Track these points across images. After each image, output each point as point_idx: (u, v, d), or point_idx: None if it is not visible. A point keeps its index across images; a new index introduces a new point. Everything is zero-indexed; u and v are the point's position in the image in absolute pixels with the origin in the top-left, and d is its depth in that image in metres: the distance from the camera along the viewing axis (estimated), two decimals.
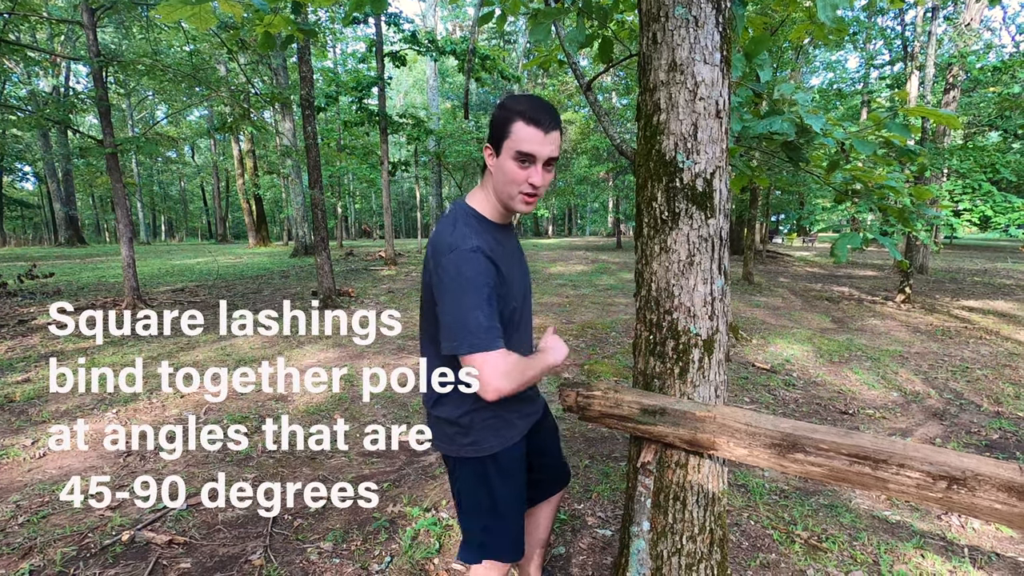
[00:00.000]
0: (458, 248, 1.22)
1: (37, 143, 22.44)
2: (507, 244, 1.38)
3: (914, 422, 3.95)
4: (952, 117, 1.68)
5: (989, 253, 20.00)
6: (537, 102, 1.25)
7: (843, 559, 2.29)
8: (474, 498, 1.43)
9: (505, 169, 1.26)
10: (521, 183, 1.26)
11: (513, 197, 1.29)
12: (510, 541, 1.46)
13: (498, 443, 1.38)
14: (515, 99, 1.26)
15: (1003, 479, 1.08)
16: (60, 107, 8.41)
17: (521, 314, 1.42)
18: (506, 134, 1.24)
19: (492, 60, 12.37)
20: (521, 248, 1.52)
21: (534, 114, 1.23)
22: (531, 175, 1.26)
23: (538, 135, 1.23)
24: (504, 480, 1.41)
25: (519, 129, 1.23)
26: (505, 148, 1.25)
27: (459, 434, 1.38)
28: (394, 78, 34.07)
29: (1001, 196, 8.18)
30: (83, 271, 11.96)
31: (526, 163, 1.25)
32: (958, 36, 10.82)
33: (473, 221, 1.31)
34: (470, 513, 1.45)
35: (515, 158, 1.24)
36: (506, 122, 1.24)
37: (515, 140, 1.23)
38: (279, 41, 2.51)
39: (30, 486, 2.84)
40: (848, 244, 2.02)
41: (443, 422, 1.40)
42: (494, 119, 1.27)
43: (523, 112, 1.23)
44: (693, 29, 1.41)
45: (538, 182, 1.26)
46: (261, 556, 2.28)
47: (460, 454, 1.39)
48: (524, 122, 1.22)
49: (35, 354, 5.35)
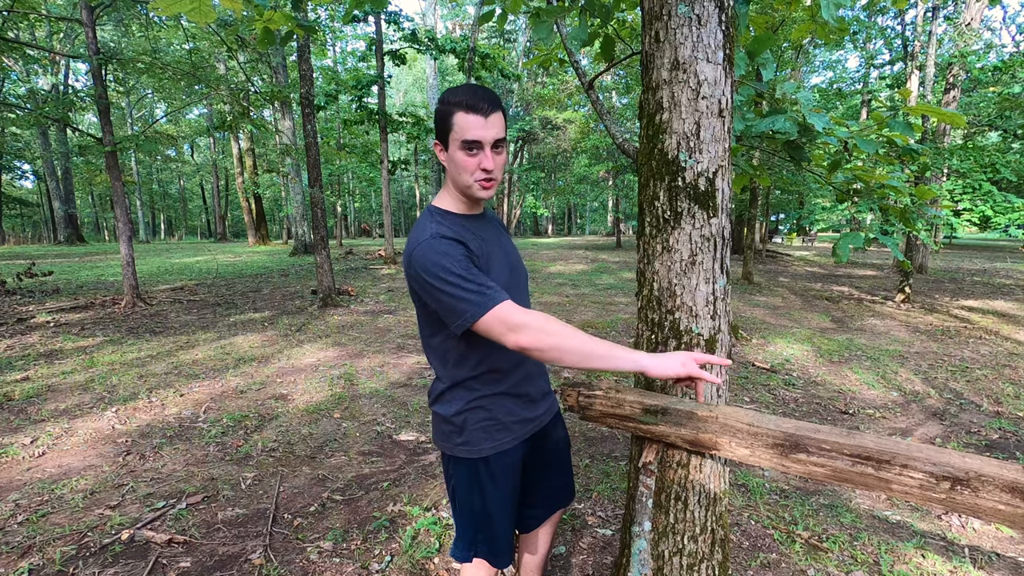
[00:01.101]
0: (420, 241, 1.25)
1: (36, 141, 22.41)
2: (481, 231, 1.38)
3: (914, 422, 3.95)
4: (957, 115, 1.67)
5: (989, 253, 20.02)
6: (473, 89, 1.27)
7: (844, 559, 2.29)
8: (466, 498, 1.44)
9: (456, 160, 1.28)
10: (474, 171, 1.29)
11: (470, 186, 1.31)
12: (497, 545, 1.46)
13: (490, 446, 1.39)
14: (452, 91, 1.28)
15: (1007, 480, 1.08)
16: (59, 105, 8.39)
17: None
18: (450, 127, 1.26)
19: (492, 59, 12.36)
20: (503, 233, 1.51)
21: (472, 101, 1.25)
22: (482, 161, 1.28)
23: (479, 120, 1.25)
24: (494, 485, 1.42)
25: (460, 119, 1.25)
26: (451, 140, 1.27)
27: (453, 432, 1.39)
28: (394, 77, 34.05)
29: (1001, 196, 8.19)
30: (82, 269, 11.95)
31: (474, 150, 1.27)
32: (958, 36, 10.82)
33: (438, 218, 1.33)
34: (462, 512, 1.47)
35: (462, 148, 1.26)
36: (447, 115, 1.26)
37: (459, 130, 1.25)
38: (279, 38, 2.50)
39: (29, 485, 2.83)
40: (850, 244, 2.02)
41: (440, 419, 1.42)
42: (437, 114, 1.30)
43: (460, 102, 1.25)
44: (696, 27, 1.40)
45: (490, 166, 1.28)
46: (261, 555, 2.27)
47: (454, 453, 1.41)
48: (464, 111, 1.24)
49: (34, 352, 5.34)
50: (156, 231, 45.71)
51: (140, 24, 10.91)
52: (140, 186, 33.07)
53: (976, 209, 8.34)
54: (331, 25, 14.36)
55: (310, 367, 5.07)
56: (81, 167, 24.32)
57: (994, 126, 11.59)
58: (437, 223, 1.30)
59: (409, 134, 13.95)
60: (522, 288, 1.47)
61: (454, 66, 23.48)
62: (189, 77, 8.56)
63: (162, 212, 45.71)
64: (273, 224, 35.10)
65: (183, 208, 45.65)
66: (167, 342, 5.86)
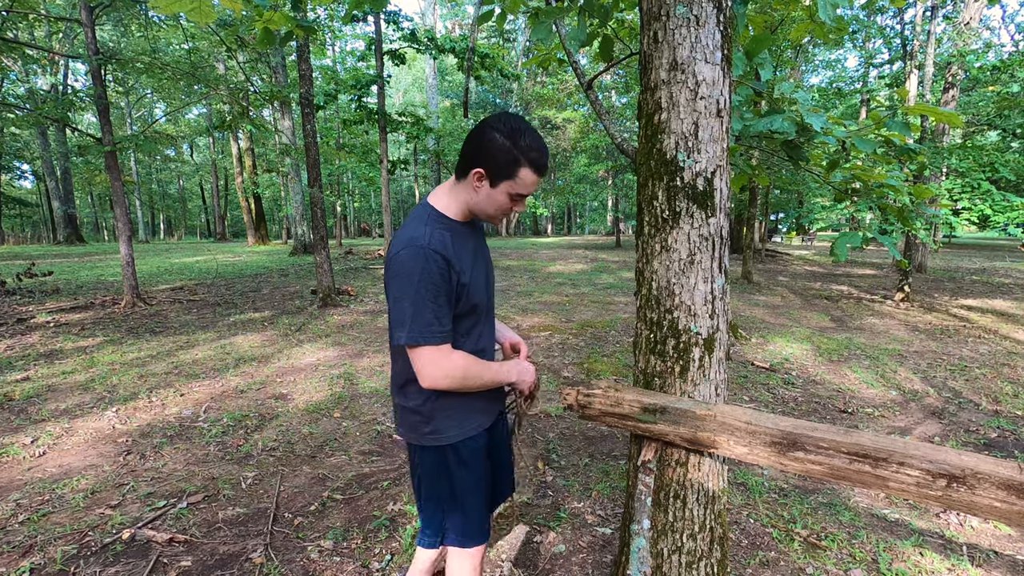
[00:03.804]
0: (413, 244, 1.26)
1: (35, 141, 22.40)
2: (469, 241, 1.41)
3: (913, 420, 3.96)
4: (954, 115, 1.68)
5: (988, 252, 20.03)
6: (543, 145, 1.29)
7: (842, 557, 2.30)
8: (434, 486, 1.47)
9: (498, 201, 1.32)
10: (506, 212, 1.35)
11: (492, 217, 1.37)
12: (471, 527, 1.49)
13: (458, 433, 1.42)
14: (523, 136, 1.26)
15: (1002, 477, 1.09)
16: (58, 105, 8.39)
17: (481, 314, 1.46)
18: (511, 174, 1.27)
19: (492, 58, 12.35)
20: (485, 245, 1.56)
21: (544, 162, 1.28)
22: (517, 207, 1.35)
23: (539, 180, 1.30)
24: (464, 470, 1.45)
25: (526, 176, 1.27)
26: (505, 186, 1.29)
27: (421, 422, 1.42)
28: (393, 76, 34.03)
29: (1000, 195, 8.19)
30: (82, 269, 11.94)
31: (518, 200, 1.33)
32: (957, 35, 10.82)
33: (435, 220, 1.34)
34: (429, 499, 1.50)
35: (511, 196, 1.31)
36: (514, 163, 1.26)
37: (520, 185, 1.29)
38: (278, 38, 2.50)
39: (30, 484, 2.84)
40: (848, 243, 2.02)
41: (406, 411, 1.44)
42: (497, 151, 1.26)
43: (534, 161, 1.26)
44: (694, 28, 1.41)
45: (520, 210, 1.37)
46: (262, 554, 2.28)
47: (421, 442, 1.44)
48: (532, 170, 1.27)
49: (34, 352, 5.35)
50: (156, 231, 45.69)
51: (139, 24, 10.90)
52: (139, 186, 33.06)
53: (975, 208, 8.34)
54: (330, 25, 14.35)
55: (310, 367, 5.07)
56: (80, 167, 24.31)
57: (993, 125, 11.59)
58: (432, 227, 1.31)
59: (408, 134, 13.94)
60: (491, 291, 1.55)
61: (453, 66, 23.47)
62: (188, 77, 8.55)
63: (162, 212, 45.68)
64: (273, 224, 35.09)
65: (182, 208, 45.62)
66: (167, 342, 5.86)
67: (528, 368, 1.52)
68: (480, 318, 1.46)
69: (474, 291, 1.38)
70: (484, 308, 1.46)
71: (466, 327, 1.41)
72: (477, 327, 1.45)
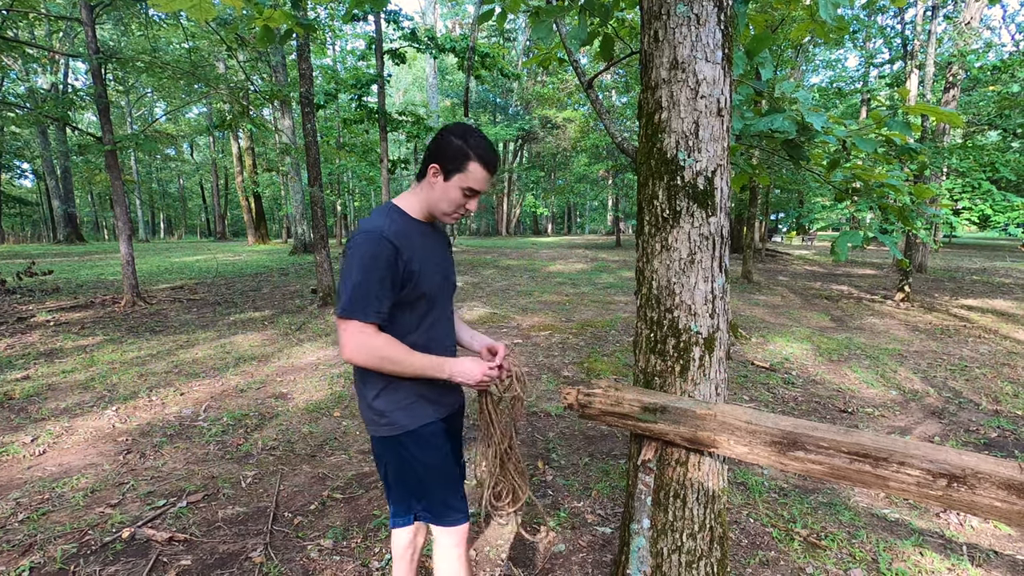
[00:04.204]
0: (369, 230, 1.37)
1: (36, 140, 22.37)
2: (425, 238, 1.50)
3: (913, 420, 3.96)
4: (954, 115, 1.68)
5: (988, 252, 20.02)
6: (491, 146, 1.43)
7: (842, 557, 2.30)
8: (399, 473, 1.52)
9: (450, 195, 1.43)
10: (458, 208, 1.45)
11: (447, 214, 1.47)
12: (444, 508, 1.53)
13: (410, 422, 1.47)
14: (472, 136, 1.41)
15: (1003, 477, 1.08)
16: (59, 104, 8.39)
17: (431, 306, 1.51)
18: (461, 168, 1.40)
19: (492, 58, 12.35)
20: (447, 247, 1.64)
21: (492, 159, 1.42)
22: (469, 204, 1.46)
23: (488, 177, 1.43)
24: (425, 452, 1.49)
25: (475, 170, 1.40)
26: (456, 179, 1.41)
27: (376, 414, 1.47)
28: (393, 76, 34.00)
29: (1000, 195, 8.19)
30: (82, 269, 11.94)
31: (469, 195, 1.44)
32: (958, 35, 10.81)
33: (395, 215, 1.45)
34: (396, 487, 1.54)
35: (463, 190, 1.42)
36: (465, 157, 1.39)
37: (468, 178, 1.41)
38: (278, 36, 2.50)
39: (30, 483, 2.84)
40: (849, 242, 2.02)
41: (364, 406, 1.50)
42: (449, 147, 1.40)
43: (481, 156, 1.40)
44: (695, 27, 1.41)
45: (472, 209, 1.47)
46: (261, 553, 2.28)
47: (379, 433, 1.49)
48: (481, 165, 1.40)
49: (34, 351, 5.35)
50: (156, 230, 45.67)
51: (140, 23, 10.89)
52: (140, 185, 33.03)
53: (975, 208, 8.33)
54: (331, 24, 14.34)
55: (310, 366, 5.07)
56: (80, 166, 24.30)
57: (993, 125, 11.58)
58: (390, 220, 1.42)
59: (409, 133, 13.93)
60: (447, 296, 1.60)
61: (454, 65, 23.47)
62: (189, 76, 8.55)
63: (162, 211, 45.66)
64: (273, 223, 35.06)
65: (183, 207, 45.60)
66: (167, 341, 5.86)
67: (471, 367, 1.46)
68: (430, 309, 1.51)
69: (424, 279, 1.44)
70: (436, 300, 1.52)
71: (415, 318, 1.47)
72: (427, 319, 1.50)
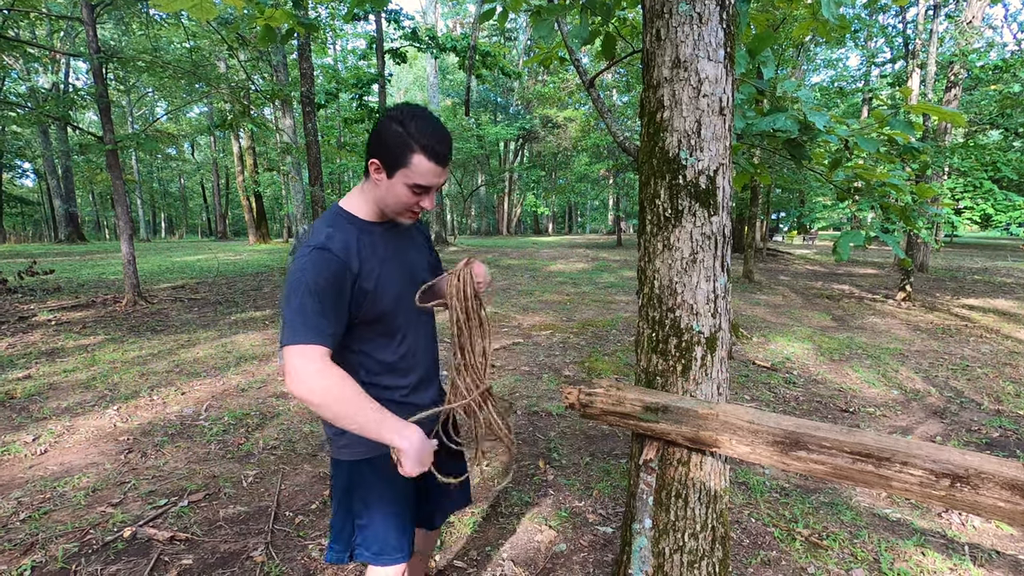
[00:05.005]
0: (310, 244, 1.19)
1: (37, 140, 22.38)
2: (385, 241, 1.31)
3: (914, 420, 3.95)
4: (957, 114, 1.67)
5: (990, 251, 19.99)
6: (440, 132, 1.19)
7: (844, 557, 2.30)
8: (346, 499, 1.39)
9: (396, 192, 1.22)
10: (412, 206, 1.25)
11: (400, 215, 1.27)
12: (384, 544, 1.37)
13: (367, 449, 1.32)
14: (415, 122, 1.17)
15: (1007, 477, 1.08)
16: (60, 103, 8.39)
17: (395, 320, 1.32)
18: (404, 162, 1.17)
19: (493, 57, 12.34)
20: (417, 241, 1.43)
21: (440, 149, 1.18)
22: (422, 201, 1.24)
23: (437, 170, 1.19)
24: (379, 483, 1.35)
25: (421, 164, 1.17)
26: (400, 176, 1.19)
27: (336, 435, 1.34)
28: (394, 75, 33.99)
29: (1002, 194, 8.19)
30: (83, 268, 11.95)
31: (419, 193, 1.22)
32: (960, 34, 10.80)
33: (343, 222, 1.26)
34: (339, 513, 1.40)
35: (410, 187, 1.20)
36: (406, 149, 1.16)
37: (413, 173, 1.18)
38: (279, 35, 2.50)
39: (31, 482, 2.84)
40: (851, 242, 2.02)
41: (325, 424, 1.37)
42: (388, 137, 1.18)
43: (426, 146, 1.16)
44: (697, 26, 1.40)
45: (429, 206, 1.25)
46: (263, 553, 2.28)
47: (337, 456, 1.37)
48: (426, 157, 1.17)
49: (36, 351, 5.35)
50: (157, 229, 45.71)
51: (140, 22, 10.91)
52: (141, 184, 33.06)
53: (977, 207, 8.33)
54: (332, 23, 14.35)
55: None
56: (82, 166, 24.32)
57: (995, 124, 11.56)
58: (333, 228, 1.23)
59: None
60: (409, 322, 1.38)
61: (455, 64, 23.46)
62: (190, 75, 8.55)
63: (163, 211, 45.70)
64: (274, 223, 35.06)
65: (184, 207, 45.63)
66: (168, 340, 5.86)
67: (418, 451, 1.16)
68: (393, 327, 1.33)
69: (381, 296, 1.26)
70: (398, 312, 1.32)
71: (372, 337, 1.30)
72: (396, 336, 1.33)
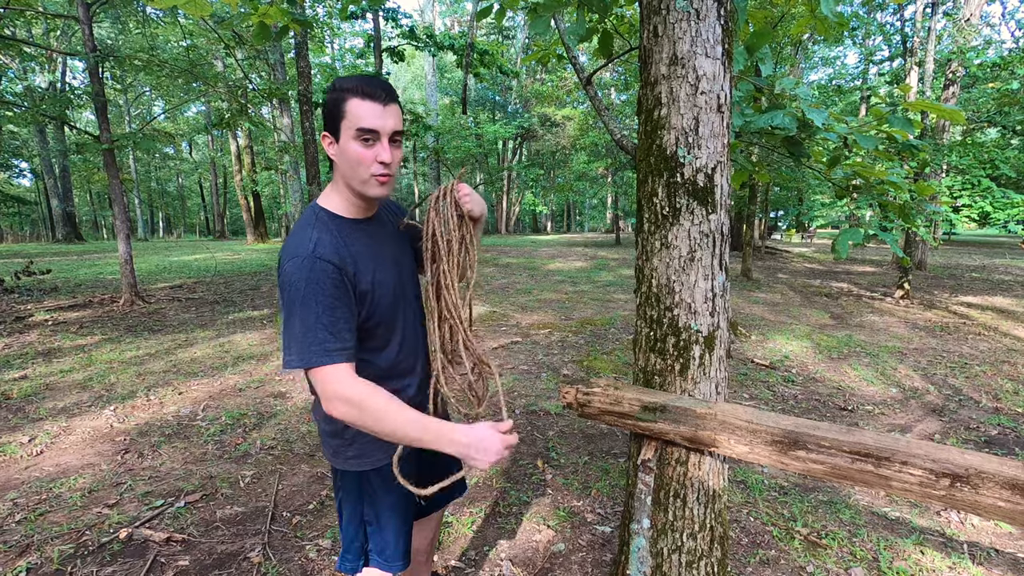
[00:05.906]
0: (297, 255, 1.15)
1: (34, 139, 22.32)
2: (367, 240, 1.28)
3: (913, 418, 3.95)
4: (956, 111, 1.66)
5: (988, 249, 20.02)
6: (367, 78, 1.19)
7: (843, 555, 2.29)
8: (356, 509, 1.39)
9: (349, 153, 1.18)
10: (370, 163, 1.19)
11: (366, 181, 1.21)
12: (393, 550, 1.40)
13: (383, 456, 1.32)
14: (343, 79, 1.20)
15: (1007, 476, 1.08)
16: (56, 103, 8.36)
17: (393, 322, 1.31)
18: (342, 114, 1.17)
19: (491, 55, 12.32)
20: (394, 239, 1.38)
21: (368, 88, 1.17)
22: (379, 152, 1.18)
23: (376, 108, 1.17)
24: (388, 492, 1.36)
25: (355, 106, 1.16)
26: (344, 129, 1.18)
27: (343, 446, 1.32)
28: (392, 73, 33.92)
29: (1000, 192, 8.18)
30: (80, 268, 11.92)
31: (370, 140, 1.18)
32: (957, 32, 10.80)
33: (324, 223, 1.23)
34: (351, 523, 1.40)
35: (356, 137, 1.17)
36: (339, 102, 1.17)
37: (353, 118, 1.16)
38: (274, 33, 2.48)
39: (27, 483, 2.83)
40: (849, 240, 2.01)
41: (327, 434, 1.35)
42: (327, 104, 1.20)
43: (355, 88, 1.16)
44: (694, 22, 1.39)
45: (387, 158, 1.19)
46: (260, 553, 2.27)
47: (345, 467, 1.35)
48: (359, 98, 1.16)
49: (32, 351, 5.33)
50: (154, 229, 45.61)
51: (137, 21, 10.87)
52: (138, 184, 32.97)
53: (975, 205, 8.33)
54: (329, 22, 14.32)
55: None
56: (79, 165, 24.25)
57: (993, 122, 11.56)
58: (320, 232, 1.20)
59: (407, 131, 13.93)
60: (409, 298, 1.38)
61: (452, 63, 23.42)
62: (187, 74, 8.52)
63: (160, 210, 45.59)
64: (272, 222, 35.03)
65: (181, 206, 45.54)
66: (166, 340, 5.85)
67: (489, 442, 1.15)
68: (391, 328, 1.31)
69: (378, 298, 1.25)
70: (397, 310, 1.32)
71: (371, 340, 1.28)
72: (390, 340, 1.32)
